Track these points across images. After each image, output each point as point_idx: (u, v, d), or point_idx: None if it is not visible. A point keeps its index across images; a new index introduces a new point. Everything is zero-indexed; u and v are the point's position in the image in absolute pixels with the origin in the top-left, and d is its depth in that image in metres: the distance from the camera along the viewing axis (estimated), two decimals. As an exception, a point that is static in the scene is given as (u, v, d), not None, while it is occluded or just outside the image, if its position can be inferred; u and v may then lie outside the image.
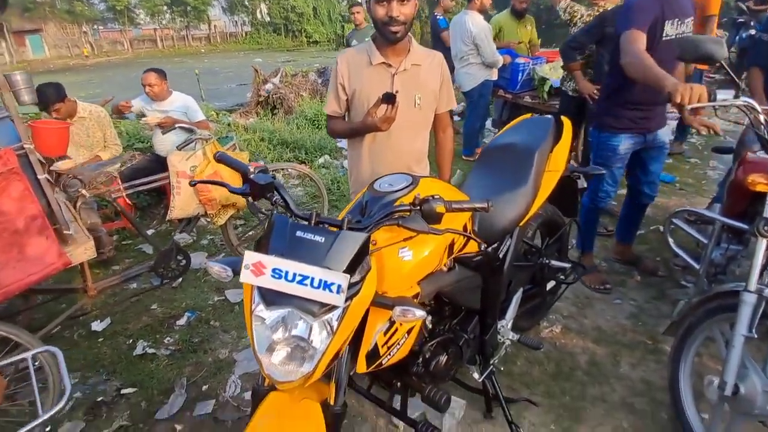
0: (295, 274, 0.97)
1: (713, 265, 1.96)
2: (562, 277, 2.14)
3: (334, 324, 1.00)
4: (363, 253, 1.04)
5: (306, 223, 1.13)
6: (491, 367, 1.76)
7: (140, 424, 2.08)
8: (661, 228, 2.81)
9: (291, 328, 1.00)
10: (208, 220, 2.84)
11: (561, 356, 2.20)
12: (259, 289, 1.01)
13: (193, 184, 1.29)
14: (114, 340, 2.65)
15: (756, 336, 1.47)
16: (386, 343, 1.21)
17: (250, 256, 0.98)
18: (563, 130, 1.96)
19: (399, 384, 1.51)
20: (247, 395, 2.13)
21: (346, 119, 1.91)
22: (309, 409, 1.19)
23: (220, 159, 1.32)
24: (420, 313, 1.07)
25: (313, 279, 0.96)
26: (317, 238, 1.03)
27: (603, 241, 3.17)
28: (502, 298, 1.73)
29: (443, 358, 1.52)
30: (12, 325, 1.86)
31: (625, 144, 2.40)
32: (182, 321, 2.77)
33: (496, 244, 1.67)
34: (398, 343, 1.24)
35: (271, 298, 1.00)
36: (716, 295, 1.66)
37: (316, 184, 3.48)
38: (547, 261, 1.97)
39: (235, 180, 2.83)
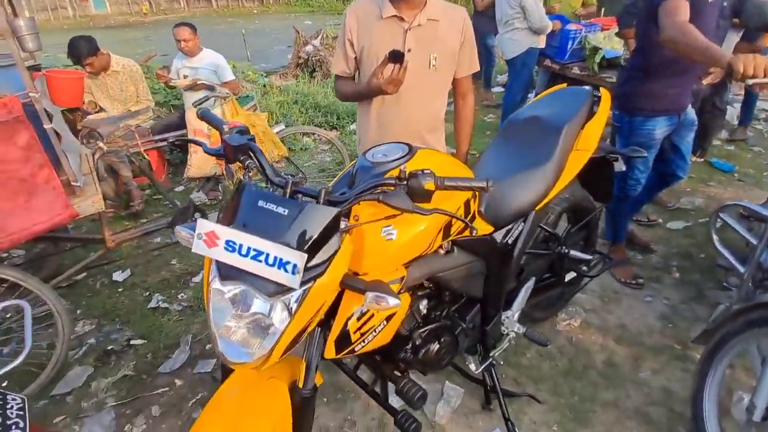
0: (249, 249, 0.87)
1: (761, 270, 1.70)
2: (584, 268, 1.94)
3: (293, 306, 0.91)
4: (331, 230, 0.93)
5: (280, 191, 1.03)
6: (491, 359, 1.63)
7: (143, 375, 2.14)
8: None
9: (245, 307, 0.91)
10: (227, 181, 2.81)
11: (576, 353, 2.03)
12: (217, 260, 0.93)
13: (171, 141, 1.22)
14: (132, 291, 2.73)
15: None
16: (359, 329, 1.10)
17: (203, 225, 0.89)
18: (600, 104, 1.72)
19: (384, 368, 1.42)
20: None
21: (357, 80, 1.76)
22: (275, 389, 1.13)
23: (203, 116, 1.22)
24: (394, 301, 0.95)
25: (267, 255, 0.86)
26: (280, 209, 0.92)
27: (644, 230, 2.89)
28: (508, 287, 1.58)
29: (435, 347, 1.41)
30: (21, 271, 1.92)
31: (662, 127, 2.12)
32: (197, 278, 2.81)
33: (506, 229, 1.50)
34: (374, 330, 1.13)
35: (227, 272, 0.91)
36: (760, 304, 1.44)
37: (339, 150, 3.37)
38: (566, 250, 1.77)
39: (264, 145, 2.76)
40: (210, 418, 1.08)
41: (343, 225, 0.99)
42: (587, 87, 1.81)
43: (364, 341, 1.13)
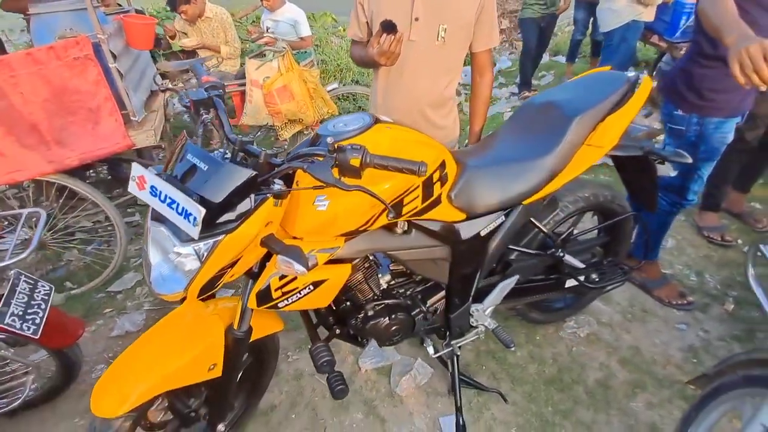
0: (166, 196, 0.97)
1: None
2: (594, 278, 1.76)
3: (203, 254, 1.00)
4: (243, 190, 0.98)
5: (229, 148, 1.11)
6: (451, 347, 1.61)
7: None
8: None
9: (166, 247, 1.02)
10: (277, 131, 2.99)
11: (569, 364, 1.90)
12: None
13: (162, 89, 1.35)
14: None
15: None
16: (281, 287, 1.17)
17: (136, 169, 1.00)
18: (634, 95, 1.49)
19: (336, 329, 1.49)
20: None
21: None
22: (213, 324, 1.26)
23: (191, 67, 1.33)
24: (300, 268, 1.00)
25: (178, 204, 0.95)
26: (202, 165, 1.00)
27: (714, 250, 2.49)
28: (478, 279, 1.51)
29: (384, 321, 1.44)
30: (91, 187, 2.30)
31: (732, 130, 1.77)
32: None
33: (485, 219, 1.42)
34: (298, 293, 1.19)
35: (157, 213, 1.03)
36: (766, 360, 1.21)
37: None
38: (561, 254, 1.62)
39: (305, 99, 2.88)
40: (153, 334, 1.25)
41: (277, 187, 1.04)
42: (631, 73, 1.56)
43: (287, 300, 1.20)
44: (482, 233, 1.42)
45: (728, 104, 1.73)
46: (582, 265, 1.69)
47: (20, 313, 1.42)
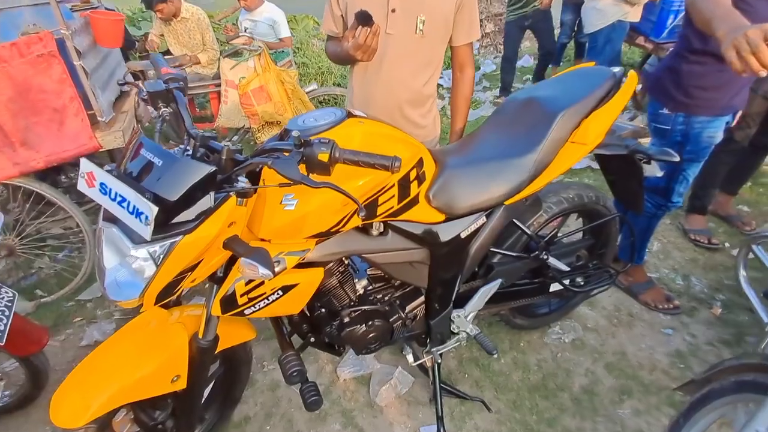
0: (116, 193, 0.89)
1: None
2: (579, 281, 1.72)
3: (159, 256, 0.92)
4: (202, 187, 0.91)
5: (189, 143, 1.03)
6: (432, 355, 1.54)
7: (149, 299, 2.37)
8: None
9: (119, 249, 0.95)
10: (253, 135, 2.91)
11: (554, 370, 1.84)
12: None
13: (120, 83, 1.27)
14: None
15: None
16: (247, 293, 1.10)
17: (85, 165, 0.92)
18: (620, 90, 1.45)
19: (310, 337, 1.41)
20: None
21: None
22: (176, 333, 1.19)
23: (151, 59, 1.25)
24: (264, 272, 0.92)
25: (129, 203, 0.88)
26: (157, 160, 0.92)
27: (702, 253, 2.47)
28: (458, 283, 1.45)
29: (361, 329, 1.37)
30: (58, 191, 2.20)
31: (720, 130, 1.74)
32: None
33: (465, 220, 1.36)
34: (265, 298, 1.12)
35: (108, 213, 0.95)
36: (758, 365, 1.17)
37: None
38: (545, 257, 1.57)
39: (283, 100, 2.80)
40: (114, 342, 1.17)
41: (241, 185, 0.98)
42: (616, 68, 1.53)
43: (254, 307, 1.12)
44: (462, 235, 1.36)
45: (717, 102, 1.69)
46: (567, 268, 1.64)
47: (-23, 321, 1.32)
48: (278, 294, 1.13)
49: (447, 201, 1.30)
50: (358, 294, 1.39)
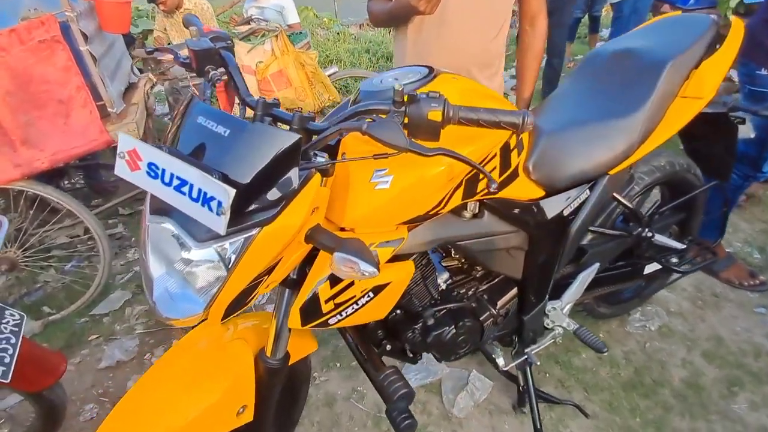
0: (172, 176, 0.66)
1: None
2: (674, 261, 1.50)
3: (231, 257, 0.70)
4: (285, 162, 0.69)
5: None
6: (526, 356, 1.32)
7: (174, 310, 2.14)
8: None
9: (174, 252, 0.72)
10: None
11: (646, 362, 1.63)
12: None
13: (148, 51, 1.04)
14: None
15: None
16: (333, 298, 0.87)
17: (125, 141, 0.69)
18: (728, 37, 1.24)
19: (386, 345, 1.19)
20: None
21: None
22: (239, 353, 0.96)
23: (185, 19, 1.02)
24: (369, 269, 0.70)
25: (192, 186, 0.65)
26: (221, 128, 0.69)
27: (764, 224, 2.26)
28: (564, 271, 1.23)
29: (451, 331, 1.14)
30: (67, 195, 1.96)
31: None
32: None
33: (564, 195, 1.14)
34: (355, 303, 0.89)
35: (158, 203, 0.72)
36: None
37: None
38: (650, 234, 1.35)
39: (304, 84, 2.56)
40: (160, 371, 0.95)
41: (320, 161, 0.75)
42: (712, 15, 1.31)
43: (340, 314, 0.90)
44: (565, 212, 1.14)
45: None
46: (682, 246, 1.42)
47: (-20, 353, 1.09)
48: (369, 296, 0.90)
49: (548, 172, 1.08)
50: (440, 290, 1.16)
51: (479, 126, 0.72)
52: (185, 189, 0.66)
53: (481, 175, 0.91)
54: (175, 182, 0.66)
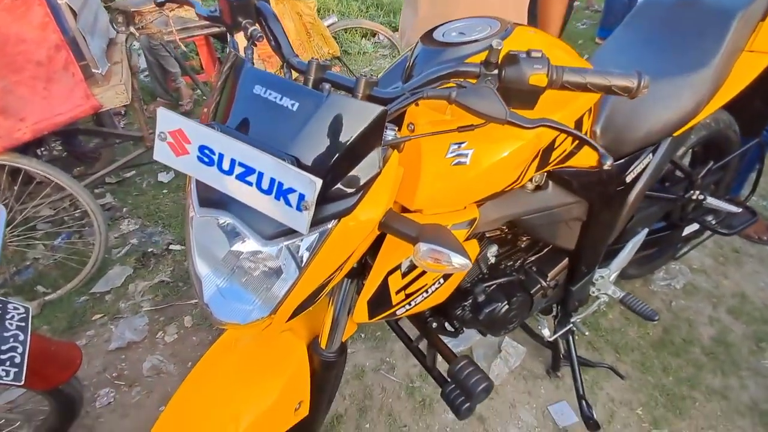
0: (233, 162, 0.54)
1: None
2: (713, 222, 1.46)
3: (304, 254, 0.59)
4: (369, 141, 0.57)
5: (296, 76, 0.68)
6: (570, 325, 1.29)
7: (180, 282, 2.04)
8: None
9: (235, 249, 0.61)
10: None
11: (674, 322, 1.63)
12: None
13: (158, 3, 0.87)
14: (176, 194, 2.63)
15: None
16: (404, 288, 0.79)
17: (167, 119, 0.56)
18: None
19: (433, 324, 1.12)
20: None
21: None
22: (291, 346, 0.88)
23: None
24: (460, 261, 0.60)
25: (261, 175, 0.53)
26: (287, 101, 0.57)
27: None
28: (612, 238, 1.17)
29: (501, 307, 1.08)
30: (52, 167, 1.77)
31: None
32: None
33: (624, 159, 1.06)
34: (425, 291, 0.81)
35: (209, 193, 0.61)
36: None
37: (397, 48, 2.86)
38: (702, 196, 1.30)
39: (302, 37, 2.33)
40: (210, 365, 0.87)
41: (390, 136, 0.63)
42: None
43: (409, 304, 0.82)
44: (628, 179, 1.06)
45: None
46: (736, 209, 1.37)
47: (-10, 355, 0.98)
48: (439, 283, 0.82)
49: (615, 136, 0.99)
50: (489, 264, 1.09)
51: (586, 91, 0.61)
52: (251, 178, 0.54)
53: (556, 142, 0.82)
54: (238, 170, 0.55)
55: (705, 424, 1.34)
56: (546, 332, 1.29)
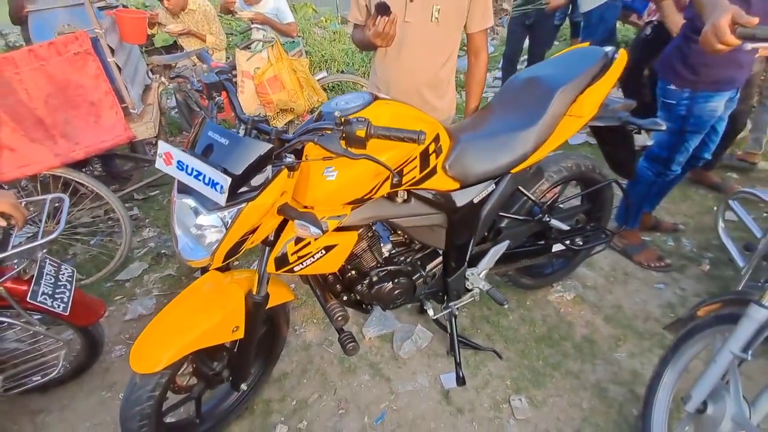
0: (193, 169, 1.08)
1: (764, 268, 1.55)
2: (579, 242, 1.91)
3: (227, 220, 1.11)
4: (262, 162, 1.09)
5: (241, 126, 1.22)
6: (450, 309, 1.74)
7: (183, 276, 2.57)
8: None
9: (194, 217, 1.13)
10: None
11: (558, 323, 2.05)
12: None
13: (172, 76, 1.44)
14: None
15: (749, 358, 1.21)
16: (296, 252, 1.29)
17: (163, 147, 1.11)
18: (611, 67, 1.62)
19: (343, 296, 1.61)
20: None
21: None
22: (233, 291, 1.38)
23: (198, 55, 1.42)
24: (315, 231, 1.12)
25: (204, 176, 1.06)
26: (223, 140, 1.10)
27: (689, 217, 2.66)
28: (472, 245, 1.64)
29: (388, 286, 1.56)
30: (96, 181, 2.37)
31: (721, 104, 1.89)
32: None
33: (476, 187, 1.55)
34: (311, 257, 1.31)
35: (182, 186, 1.13)
36: (731, 300, 1.37)
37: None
38: (547, 219, 1.77)
39: (296, 88, 2.95)
40: (179, 302, 1.36)
41: (289, 159, 1.15)
42: (608, 48, 1.69)
43: (302, 264, 1.32)
44: (475, 200, 1.55)
45: (719, 78, 1.85)
46: (567, 227, 1.83)
47: (50, 292, 1.52)
48: (321, 253, 1.32)
49: (461, 170, 1.48)
50: (384, 257, 1.58)
51: (391, 140, 1.13)
52: (201, 177, 1.07)
53: (404, 169, 1.33)
54: (194, 173, 1.08)
55: (554, 393, 1.75)
56: (431, 312, 1.75)
